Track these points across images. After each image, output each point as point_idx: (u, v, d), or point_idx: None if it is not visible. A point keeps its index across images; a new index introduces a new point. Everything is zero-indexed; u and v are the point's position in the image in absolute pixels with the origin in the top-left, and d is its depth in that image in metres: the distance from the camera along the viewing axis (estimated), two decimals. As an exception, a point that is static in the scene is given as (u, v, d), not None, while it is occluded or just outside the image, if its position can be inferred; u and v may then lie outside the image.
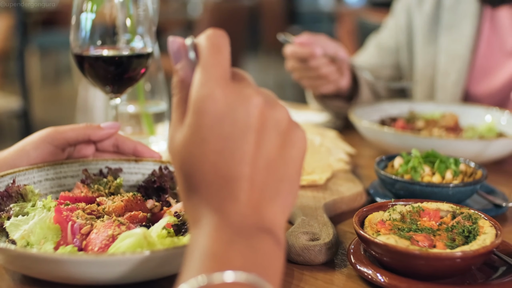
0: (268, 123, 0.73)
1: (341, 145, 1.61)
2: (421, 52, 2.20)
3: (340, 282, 0.99)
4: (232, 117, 0.71)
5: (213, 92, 0.71)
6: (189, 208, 0.73)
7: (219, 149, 0.70)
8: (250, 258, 0.67)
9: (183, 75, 0.76)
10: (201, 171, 0.71)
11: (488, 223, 1.01)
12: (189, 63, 0.77)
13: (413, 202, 1.11)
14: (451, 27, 2.13)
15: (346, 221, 1.24)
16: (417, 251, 0.91)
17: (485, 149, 1.57)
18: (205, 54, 0.74)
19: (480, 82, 2.11)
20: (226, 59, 0.74)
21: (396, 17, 2.33)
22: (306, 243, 1.03)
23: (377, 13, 5.71)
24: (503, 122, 1.84)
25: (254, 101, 0.72)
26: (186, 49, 0.77)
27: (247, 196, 0.71)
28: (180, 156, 0.72)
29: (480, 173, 1.30)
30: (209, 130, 0.70)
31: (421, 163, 1.32)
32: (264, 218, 0.72)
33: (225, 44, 0.76)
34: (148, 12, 1.35)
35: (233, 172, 0.70)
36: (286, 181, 0.74)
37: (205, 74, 0.72)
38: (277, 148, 0.73)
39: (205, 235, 0.69)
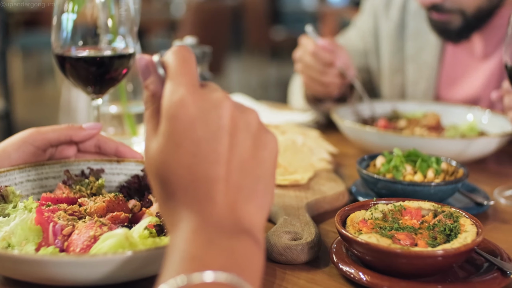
0: (240, 125, 0.74)
1: (323, 144, 1.62)
2: (388, 59, 2.21)
3: (323, 281, 0.99)
4: (204, 120, 0.72)
5: (184, 98, 0.72)
6: (167, 213, 0.74)
7: (194, 152, 0.71)
8: (229, 258, 0.67)
9: (153, 89, 0.78)
10: (177, 175, 0.71)
11: (469, 221, 1.02)
12: (158, 78, 0.79)
13: (394, 201, 1.11)
14: (417, 34, 2.15)
15: (329, 221, 1.25)
16: (398, 249, 0.91)
17: (467, 148, 1.57)
18: (174, 66, 0.76)
19: (449, 90, 2.12)
20: (193, 68, 0.77)
21: (364, 20, 2.33)
22: (288, 243, 1.03)
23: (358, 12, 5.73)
24: (484, 121, 1.85)
25: (224, 104, 0.73)
26: (154, 65, 0.79)
27: (223, 197, 0.71)
28: (156, 164, 0.73)
29: (462, 172, 1.31)
30: (183, 134, 0.71)
31: (403, 162, 1.32)
32: (241, 218, 0.72)
33: (191, 56, 0.78)
34: (129, 12, 1.35)
35: (209, 173, 0.71)
36: (261, 181, 0.75)
37: (174, 83, 0.74)
38: (250, 149, 0.74)
39: (184, 237, 0.69)
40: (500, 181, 1.55)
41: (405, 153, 1.35)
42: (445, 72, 2.12)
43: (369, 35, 2.29)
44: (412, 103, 2.01)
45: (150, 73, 0.79)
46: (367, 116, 1.94)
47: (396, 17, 2.20)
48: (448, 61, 2.12)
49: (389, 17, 2.22)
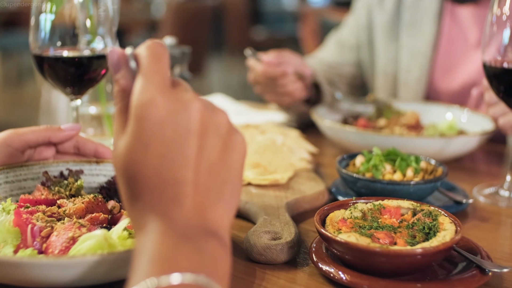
0: (209, 127, 0.73)
1: (303, 144, 1.62)
2: (383, 50, 2.22)
3: (302, 281, 0.99)
4: (173, 122, 0.71)
5: (154, 98, 0.71)
6: (134, 216, 0.73)
7: (162, 154, 0.71)
8: (198, 260, 0.67)
9: (124, 84, 0.77)
10: (144, 176, 0.71)
11: (448, 219, 1.02)
12: (129, 72, 0.77)
13: (374, 200, 1.11)
14: (412, 25, 2.16)
15: (308, 220, 1.25)
16: (378, 248, 0.91)
17: (446, 147, 1.58)
18: (146, 63, 0.75)
19: (443, 78, 2.14)
20: (166, 67, 0.76)
21: (357, 14, 2.34)
22: (268, 242, 1.03)
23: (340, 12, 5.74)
24: (463, 120, 1.86)
25: (194, 106, 0.73)
26: (126, 59, 0.77)
27: (191, 199, 0.71)
28: (123, 163, 0.72)
29: (441, 171, 1.32)
30: (151, 135, 0.71)
31: (382, 161, 1.33)
32: (208, 221, 0.72)
33: (165, 53, 0.77)
34: (108, 12, 1.35)
35: (177, 176, 0.71)
36: (228, 184, 0.75)
37: (145, 81, 0.73)
38: (219, 151, 0.74)
39: (151, 240, 0.69)
40: (479, 179, 1.56)
41: (385, 152, 1.35)
42: (440, 60, 2.14)
43: (363, 28, 2.30)
44: (394, 102, 2.02)
45: (121, 67, 0.77)
46: (346, 112, 1.95)
47: (391, 9, 2.22)
48: (442, 49, 2.14)
49: (383, 9, 2.24)
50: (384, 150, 1.36)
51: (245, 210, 1.24)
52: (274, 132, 1.61)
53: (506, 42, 1.35)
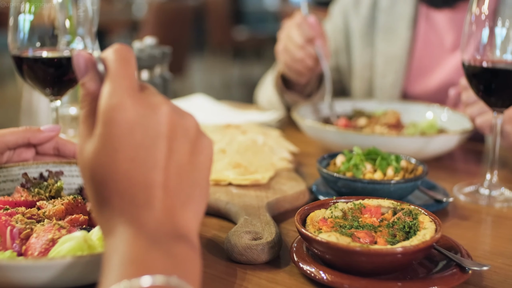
0: (178, 130, 0.73)
1: (284, 144, 1.62)
2: (359, 54, 2.23)
3: (283, 281, 0.99)
4: (143, 125, 0.71)
5: (123, 101, 0.71)
6: (103, 220, 0.73)
7: (132, 157, 0.70)
8: (169, 263, 0.67)
9: (90, 88, 0.76)
10: (113, 180, 0.70)
11: (428, 218, 1.02)
12: (96, 76, 0.77)
13: (354, 199, 1.12)
14: (387, 30, 2.17)
15: (289, 220, 1.25)
16: (358, 247, 0.91)
17: (426, 146, 1.59)
18: (113, 67, 0.74)
19: (418, 82, 2.15)
20: (133, 70, 0.75)
21: (333, 20, 2.35)
22: (249, 243, 1.03)
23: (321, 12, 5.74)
24: (444, 119, 1.87)
25: (163, 109, 0.73)
26: (94, 63, 0.77)
27: (161, 202, 0.71)
28: (91, 168, 0.72)
29: (421, 169, 1.32)
30: (120, 139, 0.70)
31: (363, 161, 1.33)
32: (178, 224, 0.72)
33: (132, 57, 0.76)
34: (88, 13, 1.34)
35: (147, 179, 0.71)
36: (197, 187, 0.75)
37: (114, 85, 0.72)
38: (187, 154, 0.74)
39: (122, 242, 0.68)
40: (460, 178, 1.57)
41: (365, 152, 1.36)
42: (415, 65, 2.15)
43: (340, 33, 2.31)
44: (374, 102, 2.02)
45: (87, 71, 0.76)
46: (328, 115, 1.95)
47: (366, 13, 2.23)
48: (418, 54, 2.15)
49: (359, 13, 2.25)
50: (365, 149, 1.37)
51: (226, 210, 1.23)
52: (255, 132, 1.61)
53: (485, 41, 1.36)
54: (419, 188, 1.33)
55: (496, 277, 1.02)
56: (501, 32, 1.34)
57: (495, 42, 1.35)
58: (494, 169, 1.44)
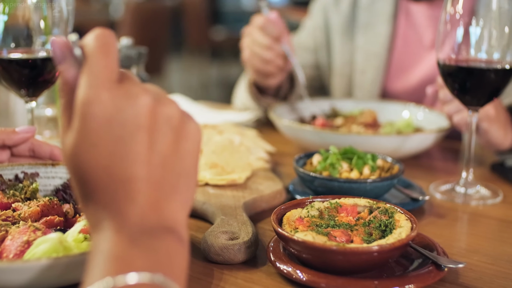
0: (159, 120, 0.71)
1: (261, 144, 1.62)
2: (339, 51, 2.24)
3: (260, 280, 0.99)
4: (121, 119, 0.69)
5: (99, 95, 0.69)
6: (88, 215, 0.72)
7: (111, 152, 0.69)
8: (154, 258, 0.66)
9: (68, 77, 0.73)
10: (94, 176, 0.69)
11: (404, 216, 1.03)
12: (74, 63, 0.73)
13: (330, 199, 1.12)
14: (367, 26, 2.17)
15: (266, 219, 1.25)
16: (334, 246, 0.92)
17: (403, 144, 1.59)
18: (92, 55, 0.71)
19: (398, 79, 2.15)
20: (114, 60, 0.72)
21: (313, 17, 2.36)
22: (225, 243, 1.03)
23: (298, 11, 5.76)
24: (420, 118, 1.88)
25: (142, 100, 0.70)
26: (71, 49, 0.74)
27: (145, 196, 0.70)
28: (72, 162, 0.70)
29: (397, 168, 1.33)
30: (98, 134, 0.69)
31: (339, 160, 1.34)
32: (164, 216, 0.71)
33: (113, 44, 0.73)
34: (63, 13, 1.33)
35: (128, 174, 0.69)
36: (183, 176, 0.73)
37: (91, 77, 0.70)
38: (171, 143, 0.72)
39: (106, 239, 0.67)
40: (436, 176, 1.58)
41: (341, 151, 1.36)
42: (395, 61, 2.16)
43: (320, 31, 2.31)
44: (350, 101, 2.03)
45: (65, 58, 0.73)
46: (305, 114, 1.95)
47: (347, 11, 2.23)
48: (397, 50, 2.15)
49: (339, 11, 2.25)
50: (341, 148, 1.37)
51: (203, 210, 1.23)
52: (231, 132, 1.61)
53: (460, 40, 1.36)
54: (395, 186, 1.33)
55: (471, 274, 1.03)
56: (475, 31, 1.35)
57: (470, 41, 1.36)
58: (470, 167, 1.45)
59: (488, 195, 1.43)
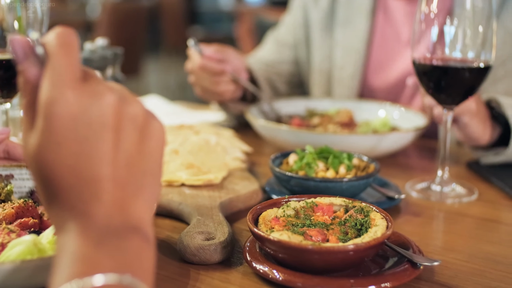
0: (124, 119, 0.71)
1: (237, 144, 1.62)
2: (318, 47, 2.24)
3: (236, 280, 0.99)
4: (86, 118, 0.68)
5: (63, 94, 0.68)
6: (53, 216, 0.71)
7: (76, 152, 0.68)
8: (120, 259, 0.65)
9: (30, 76, 0.71)
10: (59, 176, 0.68)
11: (379, 215, 1.03)
12: (35, 61, 0.72)
13: (306, 198, 1.12)
14: (346, 22, 2.18)
15: (242, 219, 1.25)
16: (310, 245, 0.92)
17: (379, 143, 1.60)
18: (54, 54, 0.70)
19: (377, 75, 2.16)
20: (76, 58, 0.71)
21: (293, 13, 2.36)
22: (201, 243, 1.03)
23: (276, 11, 5.76)
24: (396, 117, 1.89)
25: (107, 99, 0.69)
26: (32, 48, 0.72)
27: (110, 196, 0.69)
28: (36, 163, 0.69)
29: (373, 167, 1.33)
30: (63, 133, 0.67)
31: (315, 159, 1.34)
32: (130, 216, 0.70)
33: (75, 42, 0.72)
34: (37, 14, 1.32)
35: (93, 173, 0.68)
36: (148, 175, 0.73)
37: (54, 76, 0.69)
38: (136, 143, 0.71)
39: (71, 240, 0.66)
40: (412, 174, 1.58)
41: (317, 150, 1.36)
42: (373, 56, 2.16)
43: (299, 27, 2.32)
44: (327, 101, 2.03)
45: (25, 57, 0.71)
46: (282, 113, 1.95)
47: (326, 6, 2.24)
48: (376, 46, 2.16)
49: (318, 6, 2.25)
50: (317, 148, 1.37)
51: (179, 211, 1.23)
52: (208, 132, 1.61)
53: (435, 39, 1.37)
54: (371, 185, 1.34)
55: (447, 272, 1.03)
56: (450, 30, 1.36)
57: (445, 40, 1.37)
58: (445, 166, 1.46)
59: (464, 193, 1.44)
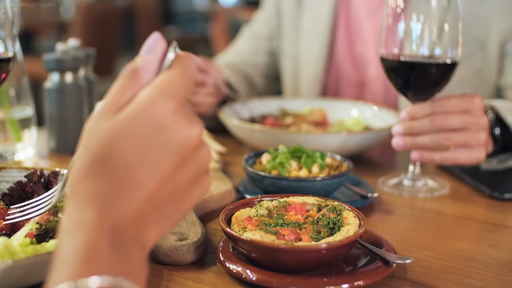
0: (194, 157, 0.73)
1: (211, 144, 1.62)
2: (288, 34, 2.27)
3: (210, 281, 0.99)
4: (170, 134, 0.70)
5: (167, 102, 0.70)
6: (74, 197, 0.69)
7: (142, 154, 0.69)
8: (121, 268, 0.65)
9: (141, 66, 0.75)
10: (112, 163, 0.68)
11: (352, 214, 1.04)
12: (156, 60, 0.76)
13: (279, 197, 1.12)
14: (312, 9, 2.21)
15: (216, 220, 1.25)
16: (282, 245, 0.92)
17: (352, 142, 1.61)
18: (180, 68, 0.74)
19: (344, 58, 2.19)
20: (191, 83, 0.75)
21: (267, 8, 2.39)
22: (174, 244, 1.03)
23: (249, 11, 5.77)
24: (369, 115, 1.90)
25: (195, 130, 0.72)
26: (164, 48, 0.76)
27: (139, 206, 0.69)
28: (98, 141, 0.70)
29: (346, 166, 1.34)
30: (144, 132, 0.69)
31: (288, 159, 1.34)
32: (143, 234, 0.70)
33: (195, 70, 0.76)
34: (8, 14, 1.32)
35: (141, 178, 0.69)
36: (176, 214, 0.74)
37: (167, 83, 0.72)
38: (188, 182, 0.73)
39: (85, 234, 0.65)
40: (385, 172, 1.59)
41: (290, 150, 1.37)
42: (338, 41, 2.19)
43: (273, 19, 2.34)
44: (299, 100, 2.04)
45: (151, 51, 0.76)
46: (256, 113, 1.95)
47: None
48: (340, 32, 2.18)
49: None
50: (290, 147, 1.38)
51: (152, 212, 1.23)
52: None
53: (402, 35, 1.38)
54: (344, 184, 1.34)
55: (419, 269, 1.04)
56: (416, 26, 1.37)
57: (412, 36, 1.38)
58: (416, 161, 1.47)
59: (436, 187, 1.46)
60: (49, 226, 0.98)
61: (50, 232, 0.98)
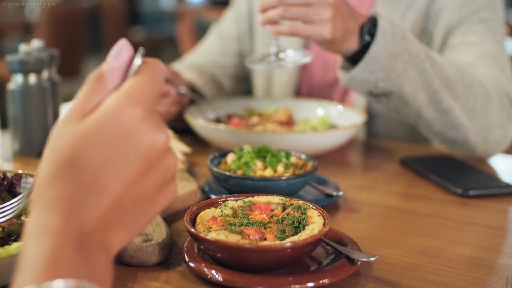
0: (160, 163, 0.73)
1: (176, 144, 1.61)
2: (260, 35, 2.26)
3: (175, 281, 0.99)
4: (136, 139, 0.70)
5: (134, 108, 0.70)
6: (41, 200, 0.69)
7: (108, 159, 0.68)
8: (86, 272, 0.65)
9: (107, 71, 0.75)
10: (78, 169, 0.68)
11: (316, 212, 1.04)
12: (123, 65, 0.75)
13: (244, 197, 1.12)
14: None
15: (181, 220, 1.24)
16: (247, 244, 0.92)
17: (317, 141, 1.61)
18: (146, 74, 0.74)
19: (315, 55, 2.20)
20: (159, 90, 0.74)
21: (237, 7, 2.37)
22: (139, 244, 1.03)
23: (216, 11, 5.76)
24: (334, 115, 1.90)
25: (161, 137, 0.72)
26: (130, 55, 0.76)
27: (104, 211, 0.68)
28: (65, 147, 0.69)
29: (311, 165, 1.34)
30: (110, 137, 0.69)
31: (253, 158, 1.34)
32: (108, 239, 0.70)
33: (163, 77, 0.76)
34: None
35: (106, 184, 0.68)
36: (142, 219, 0.74)
37: (134, 89, 0.72)
38: (154, 189, 0.73)
39: (49, 238, 0.65)
40: (350, 171, 1.60)
41: (255, 149, 1.37)
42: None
43: (243, 19, 2.33)
44: (265, 100, 2.04)
45: (117, 57, 0.75)
46: (221, 114, 1.95)
47: None
48: None
49: None
50: (255, 147, 1.38)
51: (117, 213, 1.22)
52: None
53: None
54: (310, 183, 1.35)
55: (384, 267, 1.05)
56: None
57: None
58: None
59: (298, 57, 1.54)
60: (12, 228, 0.98)
61: (13, 235, 0.97)
